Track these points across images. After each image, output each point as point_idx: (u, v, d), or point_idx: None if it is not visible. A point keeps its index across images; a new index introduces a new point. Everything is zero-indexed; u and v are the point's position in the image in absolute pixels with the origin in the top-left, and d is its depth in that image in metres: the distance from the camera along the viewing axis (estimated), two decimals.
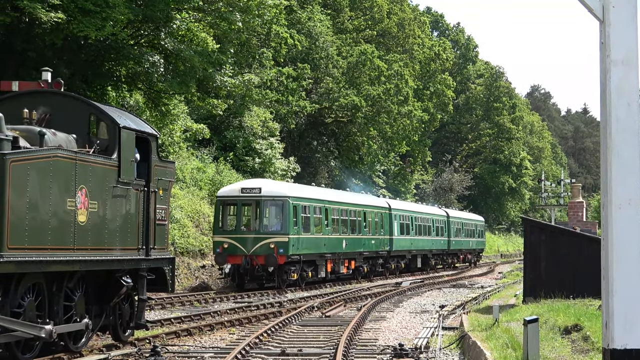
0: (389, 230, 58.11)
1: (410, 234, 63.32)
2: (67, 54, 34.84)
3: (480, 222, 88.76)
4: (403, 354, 19.96)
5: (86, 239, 18.49)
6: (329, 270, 46.87)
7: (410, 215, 63.93)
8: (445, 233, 72.66)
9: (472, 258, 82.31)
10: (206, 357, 19.58)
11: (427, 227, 67.90)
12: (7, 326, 16.38)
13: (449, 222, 73.51)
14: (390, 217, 58.59)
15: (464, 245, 78.80)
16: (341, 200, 50.81)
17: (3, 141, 16.40)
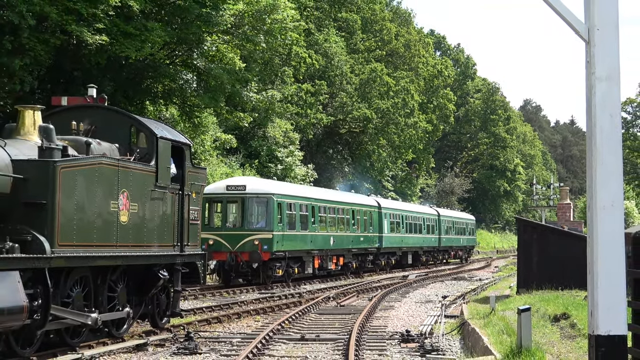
0: (379, 228, 54.82)
1: (400, 232, 60.13)
2: (110, 72, 34.91)
3: (471, 221, 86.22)
4: (410, 339, 19.95)
5: (127, 236, 18.54)
6: (317, 266, 43.81)
7: (400, 214, 60.70)
8: (436, 231, 69.91)
9: (463, 254, 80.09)
10: (234, 342, 19.58)
11: (417, 225, 64.92)
12: (58, 314, 16.44)
13: (439, 221, 71.03)
14: (380, 215, 55.26)
15: (454, 242, 76.48)
16: (329, 199, 47.49)
17: (54, 150, 16.47)
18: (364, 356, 17.45)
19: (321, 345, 19.33)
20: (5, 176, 15.92)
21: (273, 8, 39.46)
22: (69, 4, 30.15)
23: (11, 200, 15.99)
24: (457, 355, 17.70)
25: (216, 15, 36.49)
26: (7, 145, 16.54)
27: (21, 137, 17.51)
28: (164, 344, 19.29)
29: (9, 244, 15.35)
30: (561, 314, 21.27)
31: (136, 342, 18.86)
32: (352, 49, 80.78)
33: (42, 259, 15.81)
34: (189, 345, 18.33)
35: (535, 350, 15.08)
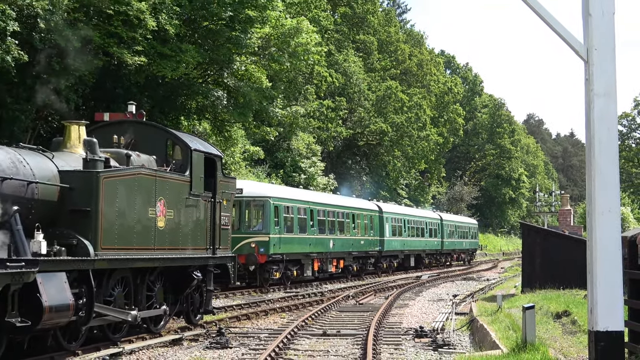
0: (380, 232, 51.38)
1: (402, 235, 56.58)
2: (148, 90, 35.04)
3: (473, 225, 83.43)
4: (423, 334, 19.90)
5: (164, 240, 18.60)
6: (316, 269, 40.87)
7: (402, 218, 57.23)
8: (438, 234, 66.70)
9: (466, 257, 77.28)
10: (262, 337, 19.58)
11: (420, 229, 61.61)
12: (101, 311, 16.50)
13: (442, 225, 67.95)
14: (382, 219, 51.80)
15: (457, 245, 73.42)
16: (328, 202, 44.26)
17: (97, 162, 16.55)
18: (381, 350, 17.42)
19: (341, 340, 19.32)
20: (53, 185, 16.03)
21: (297, 32, 39.54)
22: (110, 28, 30.34)
23: (58, 207, 16.09)
24: (466, 350, 17.66)
25: (245, 38, 36.58)
26: (55, 158, 16.65)
27: (67, 150, 17.62)
28: (197, 339, 19.33)
29: (56, 248, 15.44)
30: (562, 311, 21.19)
31: (172, 337, 18.90)
32: (369, 68, 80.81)
33: (87, 261, 15.88)
34: (221, 340, 18.35)
35: (538, 345, 15.04)
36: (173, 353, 17.22)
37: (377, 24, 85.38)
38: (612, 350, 7.32)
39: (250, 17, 36.26)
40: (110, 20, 30.40)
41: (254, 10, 36.32)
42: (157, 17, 31.24)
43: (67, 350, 15.92)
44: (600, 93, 7.41)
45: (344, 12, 79.02)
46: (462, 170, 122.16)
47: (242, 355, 16.74)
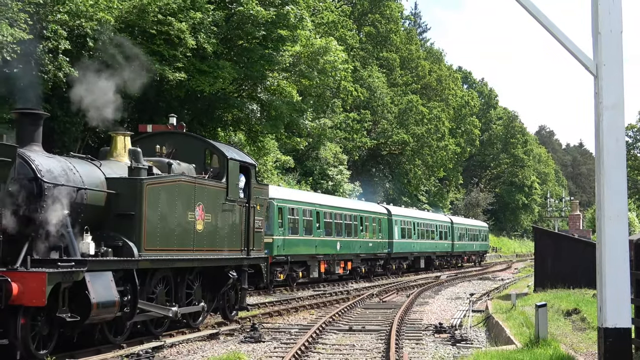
0: (389, 234, 48.60)
1: (412, 238, 53.80)
2: (188, 103, 35.17)
3: (484, 228, 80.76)
4: (442, 330, 19.85)
5: (202, 242, 18.65)
6: (322, 270, 38.40)
7: (412, 221, 54.32)
8: (449, 237, 64.11)
9: (477, 259, 74.81)
10: (292, 332, 19.58)
11: (430, 231, 58.66)
12: (144, 308, 16.57)
13: (452, 228, 65.40)
14: (390, 222, 49.06)
15: (467, 247, 70.84)
16: (335, 205, 41.68)
17: (141, 170, 16.63)
18: (403, 345, 17.38)
19: (366, 335, 19.29)
20: (101, 191, 16.12)
21: (325, 50, 39.57)
22: (153, 46, 30.48)
23: (105, 211, 16.18)
24: (483, 345, 17.58)
25: (277, 55, 36.68)
26: (102, 166, 16.76)
27: (114, 159, 17.73)
28: (233, 334, 19.36)
29: (103, 249, 15.54)
30: (573, 309, 21.07)
31: (209, 332, 18.94)
32: (391, 83, 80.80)
33: (131, 261, 15.96)
34: (254, 335, 18.37)
35: (550, 341, 14.96)
36: (210, 346, 17.26)
37: (399, 42, 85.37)
38: (620, 346, 7.27)
39: (282, 36, 36.37)
40: (153, 39, 30.56)
41: (286, 30, 36.42)
42: (196, 37, 31.38)
43: (113, 344, 15.99)
44: (608, 106, 7.37)
45: (368, 32, 79.17)
46: (478, 178, 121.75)
47: (274, 349, 16.75)
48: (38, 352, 13.83)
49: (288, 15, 35.96)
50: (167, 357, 15.56)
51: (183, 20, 30.63)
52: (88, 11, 26.54)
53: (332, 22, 58.11)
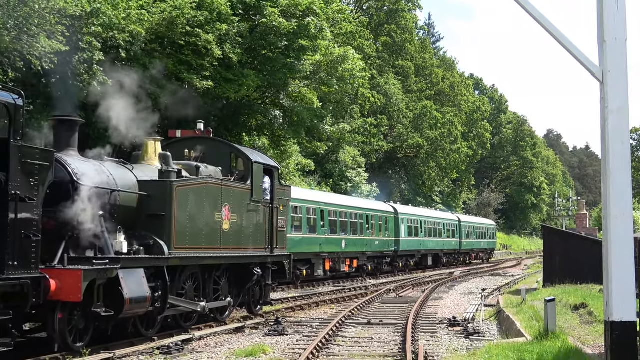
0: (396, 232, 46.67)
1: (419, 236, 51.63)
2: (214, 110, 35.21)
3: (491, 226, 78.49)
4: (456, 324, 19.80)
5: (229, 241, 18.69)
6: (327, 268, 36.45)
7: (419, 219, 52.29)
8: (457, 235, 62.16)
9: (484, 256, 72.88)
10: (314, 326, 19.58)
11: (437, 229, 56.53)
12: (174, 303, 16.63)
13: (460, 226, 63.31)
14: (397, 220, 47.10)
15: (475, 245, 68.63)
16: (340, 203, 39.72)
17: (171, 173, 16.70)
18: (419, 338, 17.35)
19: (384, 329, 19.27)
20: (133, 193, 16.19)
21: (344, 59, 39.54)
22: (182, 57, 30.58)
23: (137, 212, 16.25)
24: (495, 337, 17.52)
25: (298, 64, 36.70)
26: (135, 169, 16.83)
27: (145, 163, 17.80)
28: (257, 327, 19.38)
29: (136, 247, 15.61)
30: (580, 303, 20.96)
31: (236, 326, 18.97)
32: (407, 89, 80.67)
33: (162, 259, 16.02)
34: (278, 328, 18.39)
35: (559, 334, 14.89)
36: (237, 339, 17.28)
37: (414, 51, 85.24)
38: (626, 339, 7.22)
39: (303, 46, 36.38)
40: (182, 50, 30.65)
41: (307, 40, 36.43)
42: (222, 47, 31.45)
43: (145, 337, 16.05)
44: (614, 110, 7.32)
45: (384, 41, 79.09)
46: (490, 179, 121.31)
47: (296, 341, 16.75)
48: (75, 345, 13.91)
49: (309, 26, 35.98)
50: (196, 350, 15.60)
51: (210, 31, 30.71)
52: (121, 24, 26.64)
53: (350, 33, 58.12)
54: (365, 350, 15.56)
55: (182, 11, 29.64)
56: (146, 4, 29.34)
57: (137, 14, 27.91)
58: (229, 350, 15.36)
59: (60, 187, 14.30)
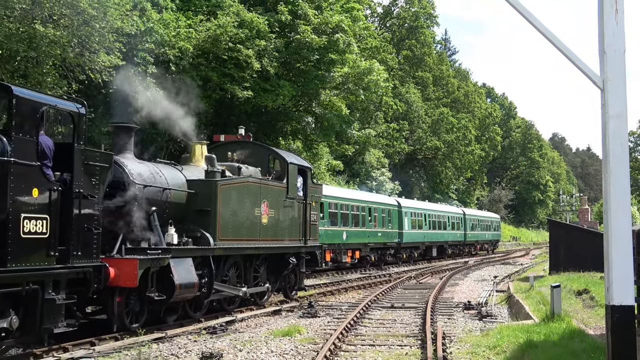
0: (399, 225, 43.32)
1: (423, 228, 48.22)
2: (254, 117, 35.34)
3: (496, 219, 74.08)
4: (470, 307, 19.70)
5: (267, 233, 18.73)
6: (328, 259, 32.66)
7: (422, 212, 48.82)
8: (461, 227, 58.47)
9: (489, 247, 68.85)
10: (343, 309, 19.57)
11: (442, 222, 53.15)
12: (219, 288, 16.69)
13: (465, 219, 59.72)
14: (400, 213, 43.76)
15: (480, 237, 64.90)
16: (341, 196, 36.44)
17: (216, 173, 16.77)
18: (437, 320, 17.27)
19: (406, 312, 19.21)
20: (183, 191, 16.27)
21: (369, 71, 39.51)
22: (225, 69, 30.71)
23: (186, 208, 16.34)
24: (506, 320, 17.41)
25: (328, 76, 36.76)
26: (183, 170, 16.92)
27: (192, 164, 17.88)
28: (293, 310, 19.40)
29: (185, 239, 15.70)
30: (583, 289, 20.78)
31: (273, 309, 19.00)
32: (425, 98, 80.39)
33: (208, 249, 16.09)
34: (311, 311, 18.40)
35: (564, 316, 14.78)
36: (274, 321, 17.31)
37: (432, 63, 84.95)
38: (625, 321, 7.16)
39: (332, 59, 36.44)
40: (225, 64, 30.77)
41: (336, 54, 36.49)
42: (261, 61, 31.54)
43: (193, 318, 16.13)
44: (613, 115, 7.26)
45: (406, 55, 78.90)
46: (500, 178, 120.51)
47: (327, 322, 16.75)
48: (131, 325, 14.02)
49: (338, 42, 36.00)
50: (238, 330, 15.65)
51: (250, 47, 30.81)
52: (171, 41, 26.81)
53: (375, 47, 58.02)
54: (389, 331, 15.53)
55: (225, 29, 29.78)
56: (194, 23, 29.51)
57: (186, 32, 28.08)
58: (268, 330, 15.39)
59: (118, 185, 14.42)
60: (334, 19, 36.07)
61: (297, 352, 12.62)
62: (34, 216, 10.97)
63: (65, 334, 12.82)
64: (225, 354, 12.28)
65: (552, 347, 11.78)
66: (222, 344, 13.39)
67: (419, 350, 12.83)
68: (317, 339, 14.03)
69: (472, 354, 12.48)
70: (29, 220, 10.88)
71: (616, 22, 7.21)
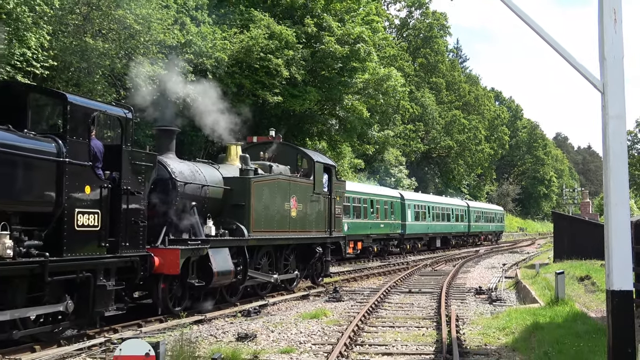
0: (402, 216, 40.70)
1: (426, 220, 45.45)
2: (283, 120, 35.38)
3: (499, 211, 70.83)
4: (481, 292, 19.60)
5: (296, 225, 18.75)
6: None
7: (426, 205, 45.84)
8: (465, 219, 55.58)
9: (493, 238, 65.86)
10: (365, 294, 19.55)
11: (446, 214, 50.22)
12: (252, 275, 16.75)
13: (469, 211, 56.89)
14: (403, 205, 41.11)
15: (484, 228, 62.07)
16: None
17: (249, 170, 16.83)
18: (451, 303, 17.21)
19: (422, 296, 19.16)
20: (219, 187, 16.34)
21: (388, 77, 39.42)
22: (256, 77, 30.80)
23: (223, 202, 16.40)
24: (514, 303, 17.30)
25: (351, 82, 36.74)
26: (220, 168, 16.99)
27: (228, 163, 17.94)
28: (319, 295, 19.41)
29: (222, 231, 15.76)
30: (584, 275, 20.59)
31: (302, 294, 19.03)
32: (439, 101, 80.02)
33: (243, 240, 16.14)
34: (336, 295, 18.40)
35: (567, 300, 14.66)
36: (303, 304, 17.34)
37: (445, 70, 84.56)
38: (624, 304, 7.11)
39: (354, 67, 36.40)
40: (257, 72, 30.85)
41: (357, 62, 36.43)
42: (289, 69, 31.59)
43: (230, 303, 16.20)
44: (613, 116, 7.19)
45: (421, 62, 78.62)
46: (508, 174, 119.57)
47: (351, 306, 16.75)
48: (174, 309, 14.11)
49: (359, 51, 35.96)
50: (270, 313, 15.69)
51: (279, 56, 30.88)
52: (208, 52, 26.90)
53: (392, 56, 57.90)
54: (407, 314, 15.50)
55: (257, 41, 29.86)
56: (228, 36, 29.60)
57: (221, 43, 28.17)
58: (297, 313, 15.42)
59: (161, 183, 14.52)
60: (355, 30, 36.03)
61: (323, 333, 12.63)
62: (87, 211, 11.08)
63: (115, 317, 12.95)
64: (259, 334, 12.32)
65: (556, 328, 11.70)
66: (255, 325, 13.44)
67: (435, 332, 12.79)
68: (341, 321, 14.04)
69: (483, 334, 12.43)
70: (82, 214, 10.99)
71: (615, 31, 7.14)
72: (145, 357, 6.59)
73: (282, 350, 10.91)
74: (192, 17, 27.32)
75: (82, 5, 21.10)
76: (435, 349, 11.03)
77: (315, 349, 11.07)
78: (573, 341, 10.39)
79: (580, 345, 10.12)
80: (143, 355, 6.59)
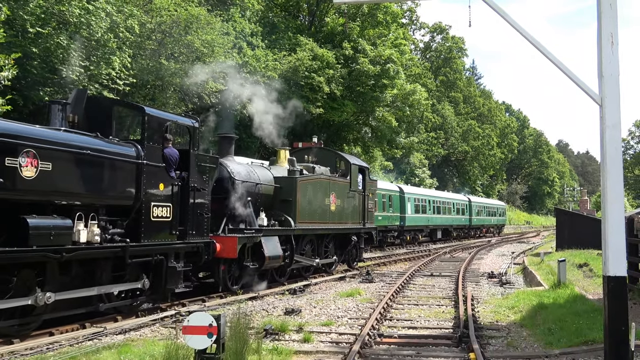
0: (401, 209, 36.75)
1: (427, 213, 41.10)
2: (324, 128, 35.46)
3: (501, 206, 65.83)
4: (493, 276, 19.35)
5: (334, 218, 18.74)
6: None
7: (426, 199, 41.56)
8: (467, 212, 51.01)
9: (495, 230, 60.68)
10: (393, 276, 19.44)
11: (446, 208, 45.68)
12: (298, 260, 16.79)
13: (470, 205, 52.21)
14: (402, 198, 37.08)
15: (485, 222, 57.28)
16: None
17: (296, 171, 16.86)
18: (467, 285, 17.03)
19: (442, 278, 18.99)
20: (270, 185, 16.42)
21: (414, 92, 39.23)
22: (302, 92, 30.88)
23: (273, 198, 16.47)
24: (522, 286, 17.05)
25: (382, 96, 36.62)
26: (271, 169, 17.07)
27: (278, 165, 18.01)
28: (354, 277, 19.37)
29: (273, 222, 15.83)
30: (583, 263, 20.17)
31: (339, 276, 19.01)
32: (457, 113, 79.28)
33: (290, 230, 16.19)
34: (368, 277, 18.34)
35: (568, 284, 14.41)
36: (340, 285, 17.32)
37: (462, 86, 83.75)
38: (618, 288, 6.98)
39: (385, 84, 36.30)
40: (302, 88, 30.95)
41: (387, 79, 36.32)
42: (329, 85, 31.64)
43: (279, 282, 16.26)
44: (610, 126, 7.05)
45: (441, 79, 78.06)
46: (517, 175, 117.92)
47: (381, 287, 16.68)
48: (232, 287, 14.22)
49: (389, 70, 35.86)
50: (313, 292, 15.71)
51: (321, 75, 30.93)
52: (262, 71, 27.07)
53: (417, 74, 57.51)
54: (429, 293, 15.38)
55: (303, 62, 29.95)
56: (279, 57, 29.74)
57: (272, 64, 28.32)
58: (335, 292, 15.42)
59: (222, 181, 14.66)
60: (386, 52, 35.93)
61: (358, 309, 12.61)
62: (161, 204, 11.23)
63: (184, 293, 13.10)
64: (303, 309, 12.35)
65: (559, 308, 11.52)
66: (300, 302, 13.47)
67: (453, 309, 12.67)
68: (373, 299, 13.99)
69: (494, 312, 12.28)
70: (157, 207, 11.14)
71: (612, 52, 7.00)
72: (208, 327, 6.66)
73: (323, 323, 10.92)
74: (248, 43, 27.52)
75: (157, 33, 21.41)
76: (453, 324, 10.93)
77: (350, 323, 11.06)
78: (573, 319, 10.23)
79: (580, 322, 9.96)
80: (207, 325, 6.67)
